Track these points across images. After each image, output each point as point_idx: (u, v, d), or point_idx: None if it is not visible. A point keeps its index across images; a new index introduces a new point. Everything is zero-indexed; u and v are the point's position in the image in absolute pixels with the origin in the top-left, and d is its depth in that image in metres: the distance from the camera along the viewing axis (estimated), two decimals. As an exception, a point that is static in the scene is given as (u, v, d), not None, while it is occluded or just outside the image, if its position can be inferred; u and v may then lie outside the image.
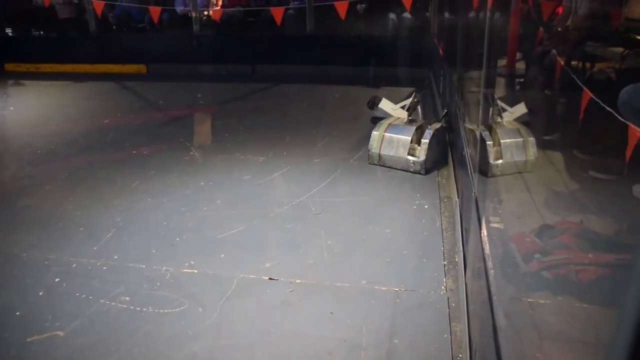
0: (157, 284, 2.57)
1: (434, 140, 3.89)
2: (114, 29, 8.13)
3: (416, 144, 3.89)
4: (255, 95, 6.50)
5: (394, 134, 3.96)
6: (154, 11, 7.34)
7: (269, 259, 2.76)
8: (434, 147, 3.89)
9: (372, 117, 4.57)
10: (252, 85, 6.89)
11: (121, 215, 3.29)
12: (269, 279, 2.58)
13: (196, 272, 2.67)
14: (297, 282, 2.55)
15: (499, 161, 3.21)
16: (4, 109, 6.25)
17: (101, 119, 5.49)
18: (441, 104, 5.05)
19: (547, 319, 2.06)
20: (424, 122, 4.22)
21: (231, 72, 7.48)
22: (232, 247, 2.90)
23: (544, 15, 3.61)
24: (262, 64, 7.48)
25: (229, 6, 7.57)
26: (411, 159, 3.84)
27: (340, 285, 2.52)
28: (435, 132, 3.93)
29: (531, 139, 3.22)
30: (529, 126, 3.42)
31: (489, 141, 3.24)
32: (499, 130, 3.40)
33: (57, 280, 2.63)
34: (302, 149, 4.38)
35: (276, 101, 6.19)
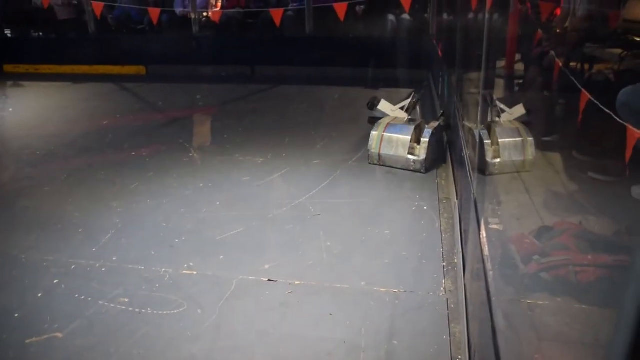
0: (156, 286, 2.57)
1: (433, 139, 3.93)
2: (113, 30, 8.13)
3: (415, 143, 3.92)
4: (254, 96, 6.50)
5: (393, 134, 4.00)
6: (153, 12, 7.35)
7: (268, 260, 2.76)
8: (433, 146, 3.93)
9: (370, 117, 4.58)
10: (251, 86, 6.89)
11: (120, 216, 3.29)
12: (268, 280, 2.58)
13: (195, 273, 2.67)
14: (296, 283, 2.55)
15: (497, 160, 3.24)
16: (3, 110, 6.25)
17: (100, 120, 5.49)
18: (440, 105, 5.05)
19: (546, 320, 2.06)
20: (422, 121, 4.25)
21: (230, 74, 7.48)
22: (231, 248, 2.90)
23: (542, 16, 3.61)
24: (262, 65, 7.49)
25: (228, 7, 7.57)
26: (411, 157, 3.88)
27: (339, 286, 2.52)
28: (434, 131, 3.96)
29: (530, 138, 3.24)
30: (528, 127, 3.43)
31: (487, 140, 3.27)
32: (498, 129, 3.41)
33: (56, 281, 2.63)
34: (301, 150, 4.38)
35: (275, 102, 6.19)
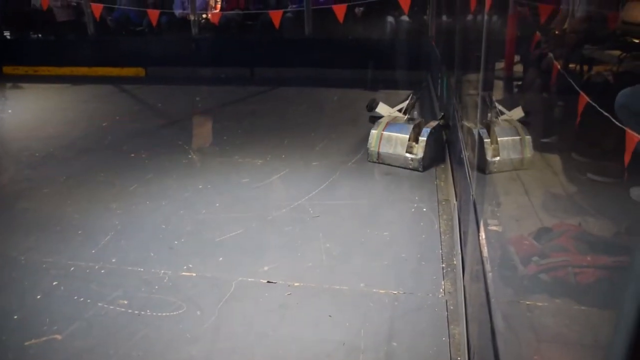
0: (155, 287, 2.56)
1: (431, 138, 3.96)
2: (112, 32, 8.13)
3: (414, 141, 3.96)
4: (253, 98, 6.50)
5: (392, 133, 4.04)
6: (153, 14, 7.35)
7: (268, 262, 2.75)
8: (431, 145, 3.96)
9: (370, 116, 4.62)
10: (250, 88, 6.89)
11: (119, 218, 3.29)
12: (268, 282, 2.58)
13: (194, 275, 2.67)
14: (295, 285, 2.55)
15: (496, 158, 3.27)
16: (2, 112, 6.24)
17: (99, 122, 5.49)
18: (439, 107, 5.06)
19: (545, 322, 2.06)
20: (421, 120, 4.28)
21: (230, 75, 7.48)
22: (230, 250, 2.89)
23: (541, 18, 3.62)
24: (261, 67, 7.49)
25: (227, 9, 7.58)
26: (409, 156, 3.92)
27: (338, 288, 2.52)
28: (432, 130, 3.99)
29: (527, 137, 3.29)
30: (527, 128, 3.45)
31: (487, 139, 3.30)
32: (497, 128, 3.45)
33: (55, 283, 2.62)
34: (300, 151, 4.38)
35: (275, 104, 6.19)
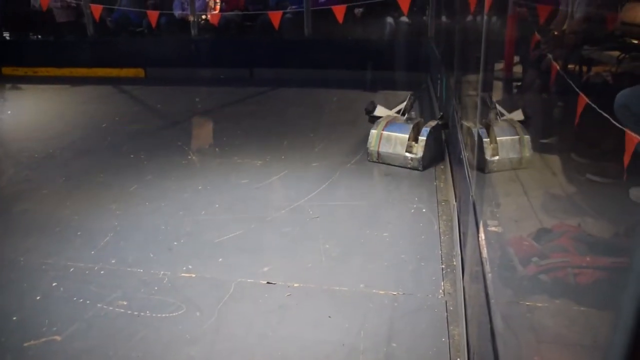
0: (155, 288, 2.56)
1: (431, 137, 3.98)
2: (112, 33, 8.13)
3: (413, 141, 3.97)
4: (253, 99, 6.50)
5: (391, 132, 4.06)
6: (152, 15, 7.35)
7: (267, 263, 2.75)
8: (430, 144, 3.97)
9: (370, 116, 4.63)
10: (250, 89, 6.88)
11: (119, 219, 3.29)
12: (267, 282, 2.58)
13: (194, 276, 2.66)
14: (295, 286, 2.55)
15: (496, 157, 3.29)
16: (2, 113, 6.24)
17: (99, 122, 5.48)
18: (438, 108, 5.06)
19: (545, 322, 2.06)
20: (420, 120, 4.29)
21: (229, 76, 7.48)
22: (229, 251, 2.89)
23: (540, 18, 3.63)
24: (260, 68, 7.49)
25: (227, 10, 7.58)
26: (409, 155, 3.93)
27: (338, 289, 2.52)
28: (431, 129, 4.00)
29: (526, 137, 3.32)
30: (526, 129, 3.46)
31: (486, 138, 3.33)
32: (496, 128, 3.48)
33: (54, 284, 2.62)
34: (300, 152, 4.38)
35: (274, 105, 6.19)
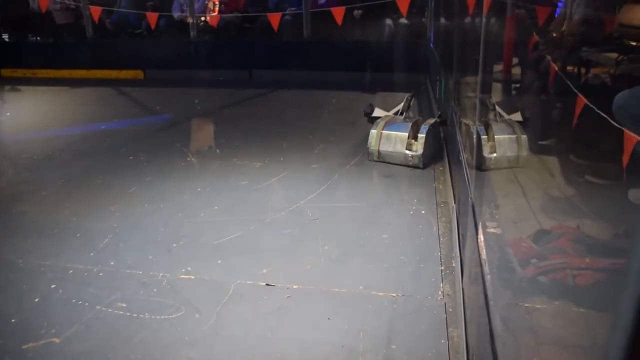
0: (154, 290, 2.56)
1: (430, 135, 4.03)
2: (111, 34, 8.13)
3: (413, 139, 4.02)
4: (252, 100, 6.50)
5: (391, 131, 4.11)
6: (151, 17, 7.35)
7: (266, 264, 2.75)
8: (430, 142, 4.03)
9: (370, 117, 4.67)
10: (249, 90, 6.89)
11: (118, 221, 3.29)
12: (266, 284, 2.58)
13: (193, 278, 2.66)
14: (294, 287, 2.55)
15: (493, 155, 3.32)
16: (1, 115, 6.23)
17: (98, 124, 5.48)
18: (437, 109, 5.07)
19: (544, 324, 2.06)
20: (419, 118, 4.33)
21: (228, 78, 7.48)
22: (229, 252, 2.89)
23: (539, 20, 3.63)
24: (259, 70, 7.49)
25: (226, 12, 7.59)
26: (409, 153, 3.98)
27: (337, 290, 2.52)
28: (430, 127, 4.04)
29: (523, 135, 3.37)
30: (525, 131, 3.49)
31: (484, 136, 3.37)
32: (494, 126, 3.52)
33: (53, 286, 2.62)
34: (299, 154, 4.38)
35: (273, 107, 6.19)
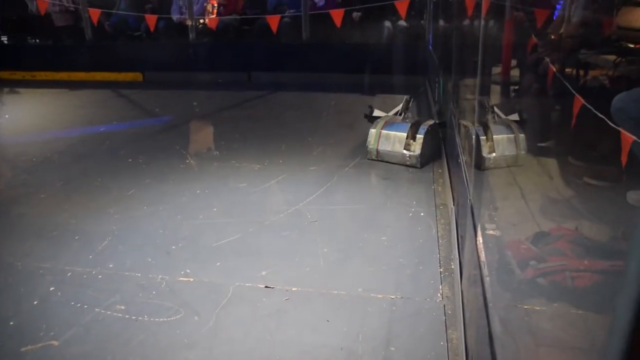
0: (153, 293, 2.56)
1: (429, 135, 4.07)
2: (110, 37, 8.14)
3: (411, 139, 4.06)
4: (251, 102, 6.51)
5: (390, 131, 4.16)
6: (150, 19, 7.36)
7: (265, 266, 2.75)
8: (428, 142, 4.06)
9: (370, 117, 4.70)
10: (248, 93, 6.89)
11: (116, 223, 3.28)
12: (265, 287, 2.58)
13: (192, 280, 2.66)
14: (293, 290, 2.55)
15: (492, 154, 3.35)
16: (0, 117, 6.24)
17: (97, 127, 5.48)
18: (436, 111, 5.08)
19: (543, 326, 2.06)
20: (418, 119, 4.37)
21: (227, 80, 7.49)
22: (228, 255, 2.89)
23: (537, 22, 3.64)
24: (258, 72, 7.50)
25: (224, 14, 7.60)
26: (407, 153, 4.03)
27: (336, 292, 2.52)
28: (429, 127, 4.08)
29: (521, 135, 3.41)
30: (523, 133, 3.51)
31: (483, 136, 3.40)
32: (492, 126, 3.55)
33: (51, 289, 2.61)
34: (298, 156, 4.38)
35: (272, 109, 6.20)
